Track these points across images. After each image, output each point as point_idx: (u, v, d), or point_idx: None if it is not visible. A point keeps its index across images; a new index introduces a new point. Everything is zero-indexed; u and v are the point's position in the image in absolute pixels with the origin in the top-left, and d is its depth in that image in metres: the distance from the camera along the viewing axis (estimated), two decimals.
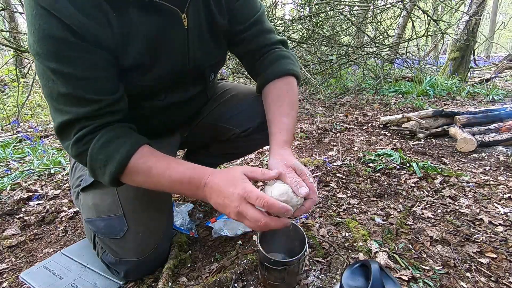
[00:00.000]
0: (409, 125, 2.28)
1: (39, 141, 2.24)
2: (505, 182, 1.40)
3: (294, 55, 0.94)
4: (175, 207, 1.20)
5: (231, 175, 0.64)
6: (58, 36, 0.57)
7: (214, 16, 0.80)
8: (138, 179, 0.69)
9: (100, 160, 0.66)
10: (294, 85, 0.89)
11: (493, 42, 9.11)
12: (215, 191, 0.64)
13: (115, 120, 0.69)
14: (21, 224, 1.23)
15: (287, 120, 0.82)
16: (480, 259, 0.93)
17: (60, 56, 0.59)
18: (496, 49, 20.54)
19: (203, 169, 0.69)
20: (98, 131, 0.66)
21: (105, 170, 0.67)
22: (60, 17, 0.56)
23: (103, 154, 0.65)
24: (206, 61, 0.86)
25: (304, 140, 2.24)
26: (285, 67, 0.88)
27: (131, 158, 0.66)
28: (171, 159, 0.70)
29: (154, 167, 0.67)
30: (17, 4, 4.55)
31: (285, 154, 0.74)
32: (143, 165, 0.67)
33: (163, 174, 0.67)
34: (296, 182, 0.64)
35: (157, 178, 0.67)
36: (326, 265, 0.90)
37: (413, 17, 4.07)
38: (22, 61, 4.12)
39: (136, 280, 0.88)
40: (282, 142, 0.78)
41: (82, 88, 0.62)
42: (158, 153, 0.70)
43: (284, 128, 0.80)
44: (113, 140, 0.66)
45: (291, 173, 0.67)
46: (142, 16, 0.66)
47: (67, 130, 0.66)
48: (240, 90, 1.09)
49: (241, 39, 0.88)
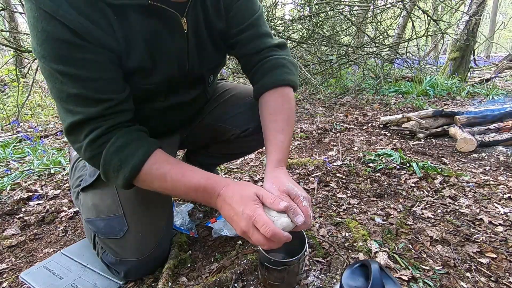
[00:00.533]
0: (409, 125, 2.29)
1: (39, 141, 2.24)
2: (505, 182, 1.40)
3: (292, 60, 0.92)
4: (175, 207, 1.20)
5: (245, 193, 0.67)
6: (62, 38, 0.57)
7: (213, 19, 0.80)
8: (152, 185, 0.71)
9: (114, 165, 0.67)
10: (290, 96, 0.87)
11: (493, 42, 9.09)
12: (227, 204, 0.67)
13: (125, 120, 0.70)
14: (21, 224, 1.23)
15: (283, 137, 0.81)
16: (480, 259, 0.93)
17: (66, 57, 0.59)
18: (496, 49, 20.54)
19: (217, 179, 0.71)
20: (111, 133, 0.67)
21: (118, 174, 0.68)
22: (63, 21, 0.56)
23: (117, 158, 0.66)
24: (206, 64, 0.86)
25: (304, 140, 2.24)
26: (281, 77, 0.86)
27: (145, 163, 0.68)
28: (185, 166, 0.72)
29: (168, 174, 0.69)
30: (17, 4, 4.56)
31: (279, 177, 0.75)
32: (156, 171, 0.69)
33: (178, 181, 0.69)
34: (292, 209, 0.67)
35: (172, 184, 0.69)
36: (326, 265, 0.91)
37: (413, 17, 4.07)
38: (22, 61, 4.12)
39: (136, 280, 0.88)
40: (277, 162, 0.78)
41: (91, 88, 0.63)
42: (171, 159, 0.72)
43: (279, 146, 0.80)
44: (127, 145, 0.67)
45: (286, 200, 0.69)
46: (143, 20, 0.66)
47: (77, 131, 0.66)
48: (240, 90, 1.09)
49: (236, 42, 0.87)
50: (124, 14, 0.64)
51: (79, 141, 0.67)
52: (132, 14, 0.65)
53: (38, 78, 3.23)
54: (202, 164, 1.28)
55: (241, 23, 0.85)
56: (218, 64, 0.94)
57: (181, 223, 1.10)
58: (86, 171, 1.00)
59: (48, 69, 0.61)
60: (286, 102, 0.85)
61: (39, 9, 0.55)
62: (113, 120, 0.67)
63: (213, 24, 0.81)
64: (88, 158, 0.68)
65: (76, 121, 0.64)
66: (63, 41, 0.58)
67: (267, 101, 0.86)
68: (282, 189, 0.71)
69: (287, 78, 0.86)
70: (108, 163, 0.67)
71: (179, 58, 0.78)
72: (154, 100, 0.84)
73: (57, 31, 0.57)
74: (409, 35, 4.00)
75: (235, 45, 0.88)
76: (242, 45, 0.88)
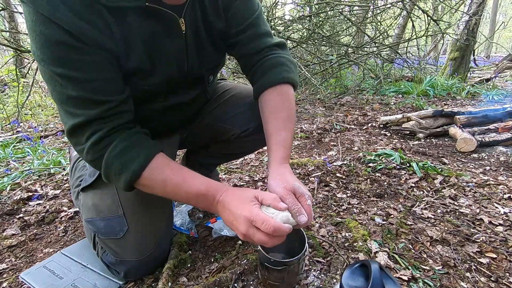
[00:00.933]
0: (409, 125, 2.29)
1: (39, 141, 2.24)
2: (505, 182, 1.40)
3: (292, 59, 0.91)
4: (175, 207, 1.20)
5: (243, 197, 0.67)
6: (60, 41, 0.57)
7: (212, 19, 0.80)
8: (153, 190, 0.72)
9: (115, 169, 0.68)
10: (291, 93, 0.87)
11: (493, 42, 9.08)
12: (226, 209, 0.68)
13: (126, 121, 0.71)
14: (21, 224, 1.23)
15: (285, 134, 0.82)
16: (480, 259, 0.93)
17: (65, 60, 0.60)
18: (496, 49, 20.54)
19: (216, 186, 0.71)
20: (113, 135, 0.68)
21: (119, 178, 0.69)
22: (61, 24, 0.56)
23: (118, 162, 0.67)
24: (205, 64, 0.86)
25: (304, 140, 2.24)
26: (281, 75, 0.86)
27: (146, 168, 0.69)
28: (186, 172, 0.73)
29: (169, 180, 0.70)
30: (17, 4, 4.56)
31: (284, 174, 0.75)
32: (157, 177, 0.70)
33: (179, 188, 0.70)
34: (296, 209, 0.67)
35: (173, 190, 0.71)
36: (326, 265, 0.91)
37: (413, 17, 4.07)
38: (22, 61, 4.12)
39: (136, 280, 0.88)
40: (281, 159, 0.79)
41: (90, 90, 0.63)
42: (172, 164, 0.73)
43: (282, 143, 0.81)
44: (129, 149, 0.68)
45: (291, 198, 0.69)
46: (141, 22, 0.66)
47: (79, 133, 0.67)
48: (240, 90, 1.09)
49: (236, 42, 0.87)
50: (122, 16, 0.64)
51: (81, 143, 0.67)
52: (130, 16, 0.65)
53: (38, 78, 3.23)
54: (202, 164, 1.28)
55: (240, 23, 0.84)
56: (218, 64, 0.94)
57: (181, 223, 1.10)
58: (86, 171, 1.00)
59: (48, 72, 0.61)
60: (286, 100, 0.85)
61: (37, 12, 0.55)
62: (114, 122, 0.68)
63: (212, 24, 0.81)
64: (90, 160, 0.69)
65: (77, 124, 0.65)
66: (61, 43, 0.58)
67: (268, 99, 0.86)
68: (288, 187, 0.71)
69: (287, 76, 0.86)
70: (110, 166, 0.68)
71: (178, 59, 0.78)
72: (154, 101, 0.84)
73: (55, 34, 0.57)
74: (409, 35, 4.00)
75: (235, 45, 0.88)
76: (242, 45, 0.87)
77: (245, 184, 1.53)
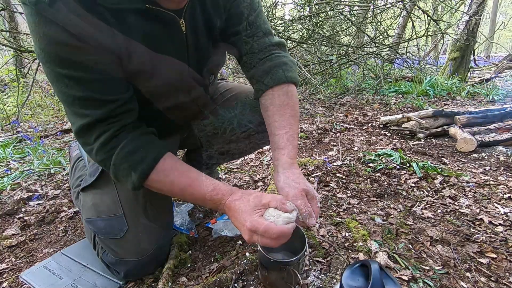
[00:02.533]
0: (409, 125, 2.29)
1: (39, 141, 2.24)
2: (505, 182, 1.40)
3: (292, 58, 0.92)
4: (175, 207, 1.20)
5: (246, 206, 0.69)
6: (63, 42, 0.58)
7: (212, 18, 0.80)
8: (161, 190, 0.73)
9: (123, 169, 0.69)
10: (294, 93, 0.88)
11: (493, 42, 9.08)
12: (231, 216, 0.72)
13: (133, 120, 0.72)
14: (21, 224, 1.23)
15: (292, 132, 0.82)
16: (480, 259, 0.93)
17: (69, 61, 0.60)
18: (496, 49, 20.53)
19: (223, 189, 0.73)
20: (120, 135, 0.69)
21: (127, 178, 0.70)
22: (63, 25, 0.56)
23: (126, 164, 0.68)
24: (205, 64, 0.86)
25: (304, 140, 2.24)
26: (284, 74, 0.86)
27: (153, 169, 0.70)
28: (193, 174, 0.74)
29: (176, 182, 0.72)
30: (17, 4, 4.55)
31: (296, 173, 0.77)
32: (165, 178, 0.71)
33: (185, 190, 0.72)
34: (307, 212, 0.69)
35: (180, 192, 0.73)
36: (326, 265, 0.91)
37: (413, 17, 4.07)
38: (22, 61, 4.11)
39: (136, 280, 0.88)
40: (290, 157, 0.79)
41: (95, 90, 0.64)
42: (179, 166, 0.74)
43: (290, 141, 0.81)
44: (137, 150, 0.69)
45: (303, 200, 0.71)
46: (141, 24, 0.66)
47: (87, 133, 0.68)
48: (240, 90, 1.09)
49: (236, 41, 0.87)
50: (123, 18, 0.64)
51: (89, 143, 0.68)
52: (130, 18, 0.65)
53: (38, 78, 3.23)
54: (202, 164, 1.28)
55: (240, 21, 0.84)
56: (218, 64, 0.94)
57: (181, 223, 1.10)
58: (86, 171, 1.00)
59: (53, 73, 0.62)
60: (290, 99, 0.86)
61: (39, 14, 0.56)
62: (121, 121, 0.69)
63: (212, 24, 0.81)
64: (99, 161, 0.71)
65: (85, 124, 0.66)
66: (64, 44, 0.58)
67: (272, 98, 0.86)
68: (301, 188, 0.73)
69: (289, 75, 0.87)
70: (118, 167, 0.69)
71: (179, 59, 0.78)
72: (155, 101, 0.84)
73: (58, 35, 0.57)
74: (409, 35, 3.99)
75: (235, 44, 0.88)
76: (242, 44, 0.87)
77: (245, 184, 1.53)
